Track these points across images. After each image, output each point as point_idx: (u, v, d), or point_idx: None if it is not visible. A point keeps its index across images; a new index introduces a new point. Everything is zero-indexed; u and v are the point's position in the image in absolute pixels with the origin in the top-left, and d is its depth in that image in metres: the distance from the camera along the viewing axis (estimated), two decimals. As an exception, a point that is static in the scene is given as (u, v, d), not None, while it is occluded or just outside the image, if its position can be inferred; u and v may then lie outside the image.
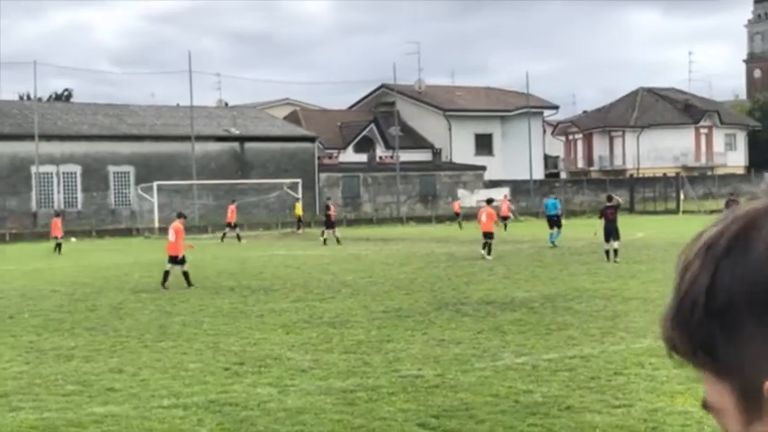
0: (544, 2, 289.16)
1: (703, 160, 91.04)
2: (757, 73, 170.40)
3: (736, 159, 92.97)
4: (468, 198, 70.98)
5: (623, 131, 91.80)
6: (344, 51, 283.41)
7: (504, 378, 12.10)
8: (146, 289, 24.53)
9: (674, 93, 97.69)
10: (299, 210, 57.74)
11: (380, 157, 77.06)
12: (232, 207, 51.35)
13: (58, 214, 46.46)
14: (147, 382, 12.44)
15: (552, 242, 37.34)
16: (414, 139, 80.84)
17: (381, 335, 15.92)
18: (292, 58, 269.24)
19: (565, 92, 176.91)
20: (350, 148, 77.06)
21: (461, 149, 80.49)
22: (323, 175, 70.01)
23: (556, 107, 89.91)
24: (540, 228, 54.92)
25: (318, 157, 70.68)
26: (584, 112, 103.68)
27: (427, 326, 16.84)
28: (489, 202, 36.51)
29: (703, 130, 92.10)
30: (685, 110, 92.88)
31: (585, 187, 77.05)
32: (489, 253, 32.53)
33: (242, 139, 67.19)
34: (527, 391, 11.30)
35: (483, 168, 76.71)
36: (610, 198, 33.05)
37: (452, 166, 77.71)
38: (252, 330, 16.79)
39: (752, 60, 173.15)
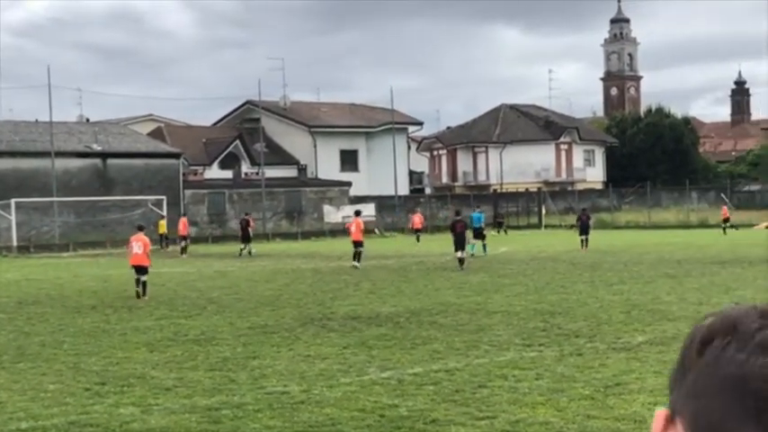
0: (409, 19, 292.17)
1: (564, 176, 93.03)
2: (614, 91, 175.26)
3: (595, 175, 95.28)
4: (333, 214, 71.10)
5: (486, 147, 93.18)
6: (210, 67, 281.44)
7: (370, 393, 12.12)
8: (3, 309, 23.85)
9: (535, 109, 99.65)
10: (162, 227, 56.93)
11: (246, 174, 76.63)
12: (183, 220, 51.93)
13: None
14: (5, 404, 12.08)
15: (473, 253, 38.18)
16: (279, 156, 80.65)
17: (247, 351, 15.80)
18: (157, 74, 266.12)
19: (429, 108, 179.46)
20: (215, 165, 76.45)
21: (327, 165, 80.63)
22: (188, 192, 69.21)
23: (420, 123, 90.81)
24: (404, 243, 55.39)
25: (183, 174, 69.88)
26: (448, 127, 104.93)
27: (293, 342, 16.79)
28: (358, 213, 39.76)
29: (563, 146, 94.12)
30: (546, 126, 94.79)
31: (450, 202, 77.82)
32: (359, 261, 35.18)
33: (104, 156, 65.97)
34: (392, 405, 11.34)
35: (348, 184, 76.91)
36: (458, 213, 38.01)
37: (318, 183, 77.76)
38: (114, 349, 16.46)
39: (609, 79, 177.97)
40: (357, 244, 36.02)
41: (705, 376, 1.08)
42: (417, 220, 59.99)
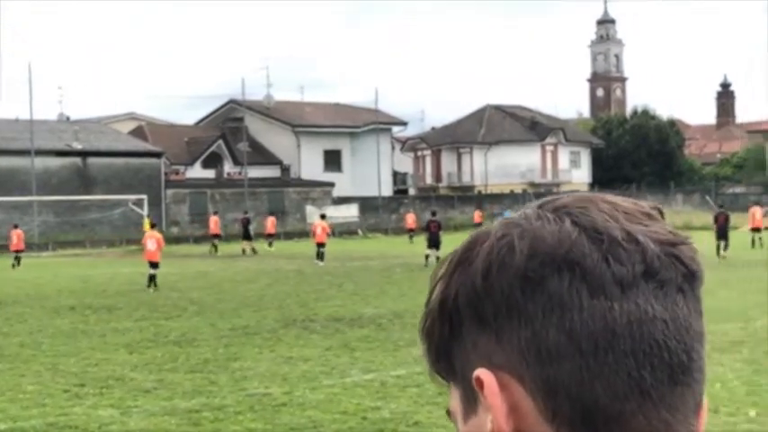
0: (394, 18, 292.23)
1: (549, 177, 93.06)
2: (600, 92, 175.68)
3: (581, 176, 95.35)
4: (316, 214, 70.90)
5: (471, 148, 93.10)
6: (193, 66, 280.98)
7: (353, 395, 12.00)
8: (-18, 309, 23.59)
9: (521, 110, 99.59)
10: (147, 226, 56.62)
11: (229, 174, 76.36)
12: (215, 219, 53.12)
13: None
14: (-19, 406, 11.91)
15: None
16: (262, 155, 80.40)
17: (228, 353, 15.64)
18: (139, 72, 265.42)
19: (414, 108, 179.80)
20: (197, 164, 76.14)
21: (310, 166, 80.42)
22: (169, 192, 68.92)
23: (404, 123, 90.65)
24: (387, 244, 55.32)
25: (165, 173, 69.59)
26: (433, 128, 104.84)
27: (275, 343, 16.64)
28: (323, 217, 42.94)
29: (549, 148, 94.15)
30: (531, 127, 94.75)
31: (434, 203, 77.71)
32: (322, 260, 37.55)
33: (85, 154, 65.60)
34: (375, 407, 11.22)
35: (332, 185, 76.75)
36: (434, 213, 40.18)
37: (301, 183, 77.57)
38: (93, 350, 16.29)
39: (595, 80, 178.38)
40: (321, 245, 38.44)
41: (556, 330, 0.92)
42: (410, 219, 61.04)
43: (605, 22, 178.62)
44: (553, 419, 0.92)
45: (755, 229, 43.01)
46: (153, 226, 32.71)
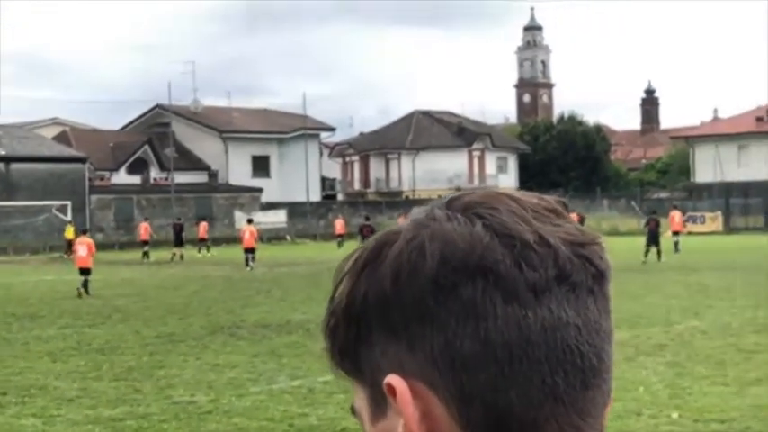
0: (322, 24, 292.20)
1: (476, 182, 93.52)
2: (527, 98, 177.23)
3: (508, 182, 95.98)
4: (244, 220, 70.47)
5: (399, 153, 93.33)
6: (119, 71, 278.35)
7: (280, 401, 11.94)
8: None
9: (449, 116, 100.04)
10: (70, 233, 55.92)
11: (155, 179, 75.69)
12: (145, 225, 53.25)
13: None
14: None
15: None
16: (189, 161, 79.82)
17: (153, 361, 15.47)
18: (63, 77, 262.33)
19: (342, 114, 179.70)
20: (123, 170, 75.34)
21: (238, 171, 80.00)
22: (94, 197, 68.10)
23: (332, 129, 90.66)
24: (315, 249, 55.20)
25: (90, 179, 68.75)
26: (361, 134, 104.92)
27: (201, 350, 16.50)
28: (250, 221, 43.62)
29: (476, 153, 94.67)
30: (459, 133, 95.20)
31: (362, 209, 77.74)
32: (252, 263, 38.54)
33: (7, 160, 64.57)
34: (302, 414, 11.18)
35: (260, 190, 76.45)
36: (367, 218, 42.71)
37: (229, 188, 77.15)
38: (16, 359, 16.02)
39: (521, 86, 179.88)
40: (249, 250, 39.10)
41: (470, 339, 0.90)
42: (339, 225, 61.90)
43: (532, 28, 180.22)
44: (467, 426, 0.91)
45: (675, 233, 43.76)
46: (85, 232, 32.73)
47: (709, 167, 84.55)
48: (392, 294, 0.93)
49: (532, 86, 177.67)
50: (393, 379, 0.92)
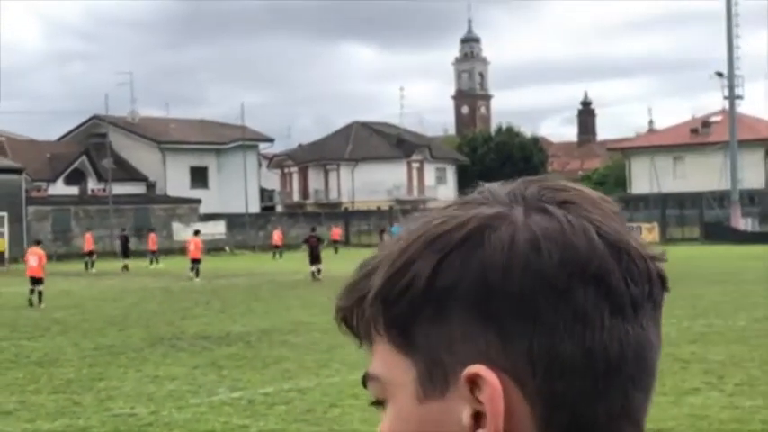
0: (260, 35, 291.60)
1: (415, 194, 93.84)
2: (465, 109, 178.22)
3: (446, 193, 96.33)
4: (183, 232, 70.08)
5: (338, 165, 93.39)
6: (55, 81, 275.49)
7: (220, 413, 11.94)
8: None
9: (387, 127, 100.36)
10: (2, 245, 55.29)
11: (93, 190, 75.02)
12: (89, 236, 53.01)
13: None
14: None
15: None
16: (127, 172, 79.22)
17: (93, 373, 15.38)
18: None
19: (281, 125, 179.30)
20: (60, 181, 74.58)
21: (176, 182, 79.53)
22: (31, 209, 67.26)
23: (271, 140, 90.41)
24: (254, 261, 55.06)
25: (26, 190, 67.93)
26: (300, 145, 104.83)
27: (141, 362, 16.42)
28: (197, 233, 43.25)
29: (415, 164, 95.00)
30: (398, 144, 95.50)
31: (302, 220, 77.65)
32: (198, 275, 38.44)
33: (-58, 171, 63.68)
34: (243, 425, 11.18)
35: (198, 201, 76.02)
36: (314, 229, 43.32)
37: (167, 199, 76.62)
38: (-49, 372, 15.84)
39: (459, 97, 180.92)
40: (195, 261, 39.56)
41: (574, 345, 0.90)
42: (277, 236, 62.38)
43: (469, 40, 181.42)
44: (545, 430, 0.90)
45: None
46: (38, 243, 32.77)
47: (645, 179, 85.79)
48: (496, 283, 0.90)
49: (470, 98, 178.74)
50: (483, 369, 0.89)
